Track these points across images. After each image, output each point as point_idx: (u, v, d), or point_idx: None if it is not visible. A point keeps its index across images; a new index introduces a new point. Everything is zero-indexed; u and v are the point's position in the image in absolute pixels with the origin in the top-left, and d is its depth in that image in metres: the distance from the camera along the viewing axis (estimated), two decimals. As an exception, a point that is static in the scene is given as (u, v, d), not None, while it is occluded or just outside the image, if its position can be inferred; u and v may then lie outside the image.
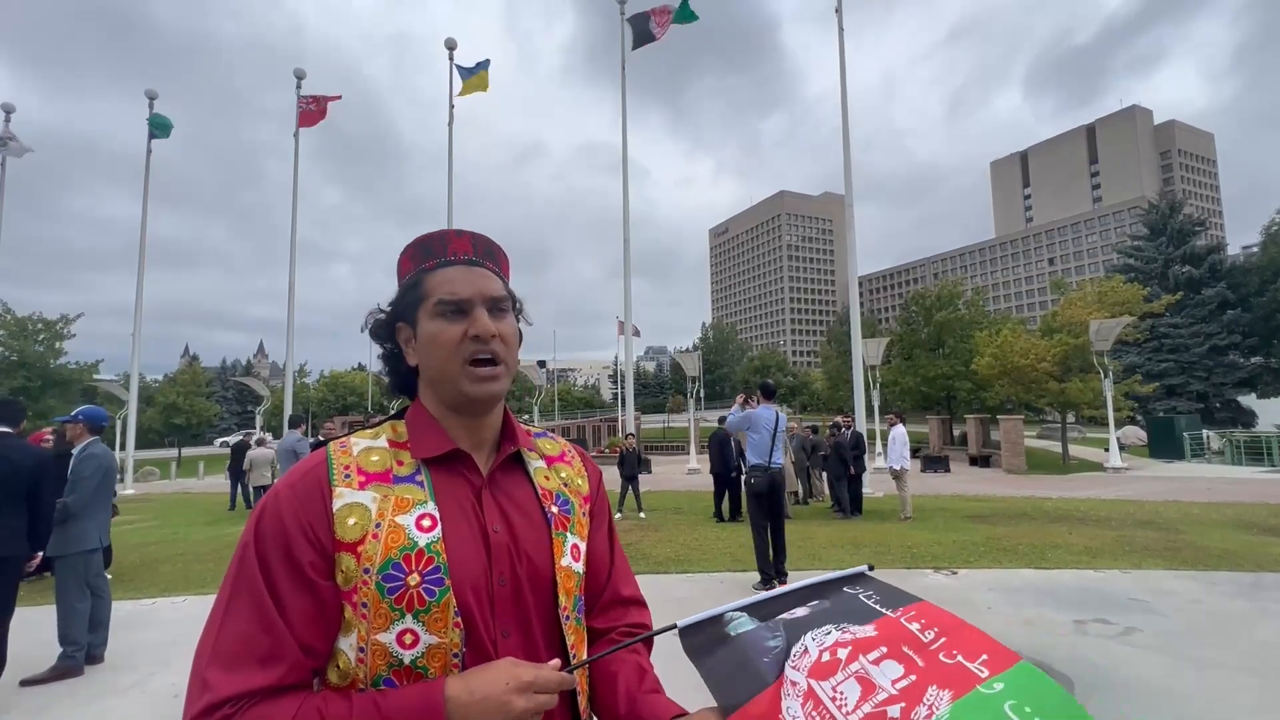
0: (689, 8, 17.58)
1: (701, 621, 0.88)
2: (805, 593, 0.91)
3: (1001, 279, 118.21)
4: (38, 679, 4.09)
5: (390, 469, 0.87)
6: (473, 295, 0.91)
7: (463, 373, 0.89)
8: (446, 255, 0.94)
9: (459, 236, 0.96)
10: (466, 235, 0.96)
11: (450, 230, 0.96)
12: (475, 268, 0.94)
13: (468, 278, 0.92)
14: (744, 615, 0.88)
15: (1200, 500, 12.12)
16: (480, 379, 0.90)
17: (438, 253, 0.94)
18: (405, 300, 0.94)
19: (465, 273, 0.93)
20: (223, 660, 0.75)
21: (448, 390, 0.91)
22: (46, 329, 31.58)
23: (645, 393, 79.61)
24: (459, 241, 0.95)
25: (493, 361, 0.91)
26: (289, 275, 20.68)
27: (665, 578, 6.83)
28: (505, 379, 0.93)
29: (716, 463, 11.05)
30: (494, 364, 0.91)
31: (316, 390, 60.83)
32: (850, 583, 0.93)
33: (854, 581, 0.93)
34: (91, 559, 4.50)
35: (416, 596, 0.80)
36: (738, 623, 0.87)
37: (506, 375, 0.93)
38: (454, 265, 0.93)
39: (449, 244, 0.95)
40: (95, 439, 4.71)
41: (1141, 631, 4.75)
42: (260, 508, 0.83)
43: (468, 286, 0.91)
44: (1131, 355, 34.00)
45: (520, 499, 0.94)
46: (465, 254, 0.95)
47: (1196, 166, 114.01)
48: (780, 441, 6.47)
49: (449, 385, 0.91)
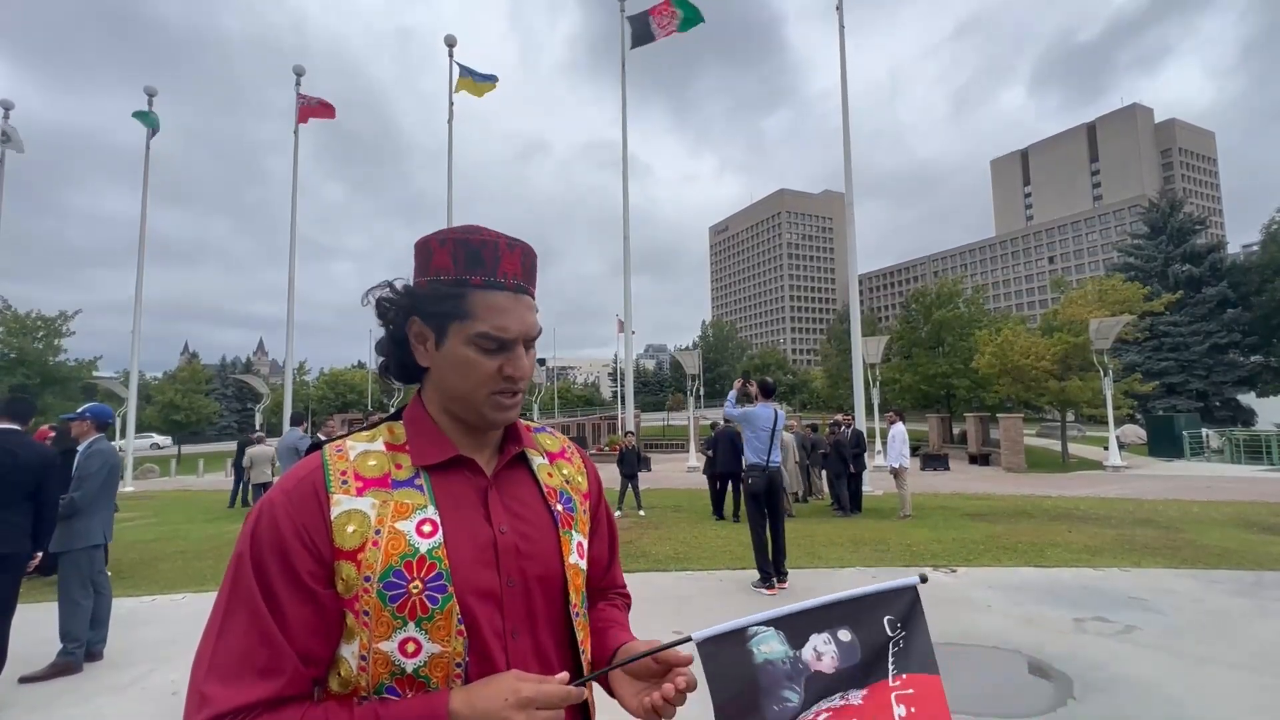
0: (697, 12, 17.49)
1: (722, 635, 0.84)
2: (839, 611, 0.87)
3: (1002, 277, 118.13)
4: (37, 676, 4.09)
5: (388, 473, 0.86)
6: (518, 335, 0.88)
7: (487, 401, 0.88)
8: (496, 275, 0.88)
9: (510, 251, 0.89)
10: (517, 250, 0.90)
11: (502, 240, 0.89)
12: (523, 297, 0.90)
13: (516, 311, 0.88)
14: (770, 629, 0.85)
15: (1200, 499, 12.12)
16: (503, 407, 0.89)
17: (488, 268, 0.87)
18: (438, 305, 0.87)
19: (514, 304, 0.88)
20: (221, 673, 0.73)
21: (464, 410, 0.90)
22: (45, 326, 31.57)
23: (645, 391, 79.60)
24: (510, 259, 0.89)
25: (516, 392, 0.90)
26: (289, 272, 20.67)
27: (665, 575, 6.84)
28: (521, 403, 0.93)
29: (728, 460, 10.49)
30: (516, 394, 0.90)
31: (316, 388, 60.87)
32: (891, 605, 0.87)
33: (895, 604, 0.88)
34: (95, 555, 4.53)
35: (419, 604, 0.78)
36: (761, 637, 0.84)
37: (522, 399, 0.93)
38: (503, 291, 0.88)
39: (500, 260, 0.88)
40: (100, 436, 4.74)
41: (1141, 630, 4.75)
42: (255, 515, 0.81)
43: (516, 323, 0.87)
44: (1131, 354, 34.00)
45: (526, 498, 0.94)
46: (515, 277, 0.89)
47: (1197, 165, 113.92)
48: (779, 440, 6.42)
49: (468, 409, 0.89)
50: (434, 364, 0.90)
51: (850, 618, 0.86)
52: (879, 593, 0.88)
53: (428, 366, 0.91)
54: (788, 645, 0.85)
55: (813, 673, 0.83)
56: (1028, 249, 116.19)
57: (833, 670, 0.84)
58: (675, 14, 17.57)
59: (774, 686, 0.82)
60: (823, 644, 0.85)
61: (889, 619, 0.86)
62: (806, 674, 0.83)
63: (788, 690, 0.81)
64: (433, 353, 0.89)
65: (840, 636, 0.85)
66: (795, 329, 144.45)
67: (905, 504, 10.59)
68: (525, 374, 0.89)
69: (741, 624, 0.85)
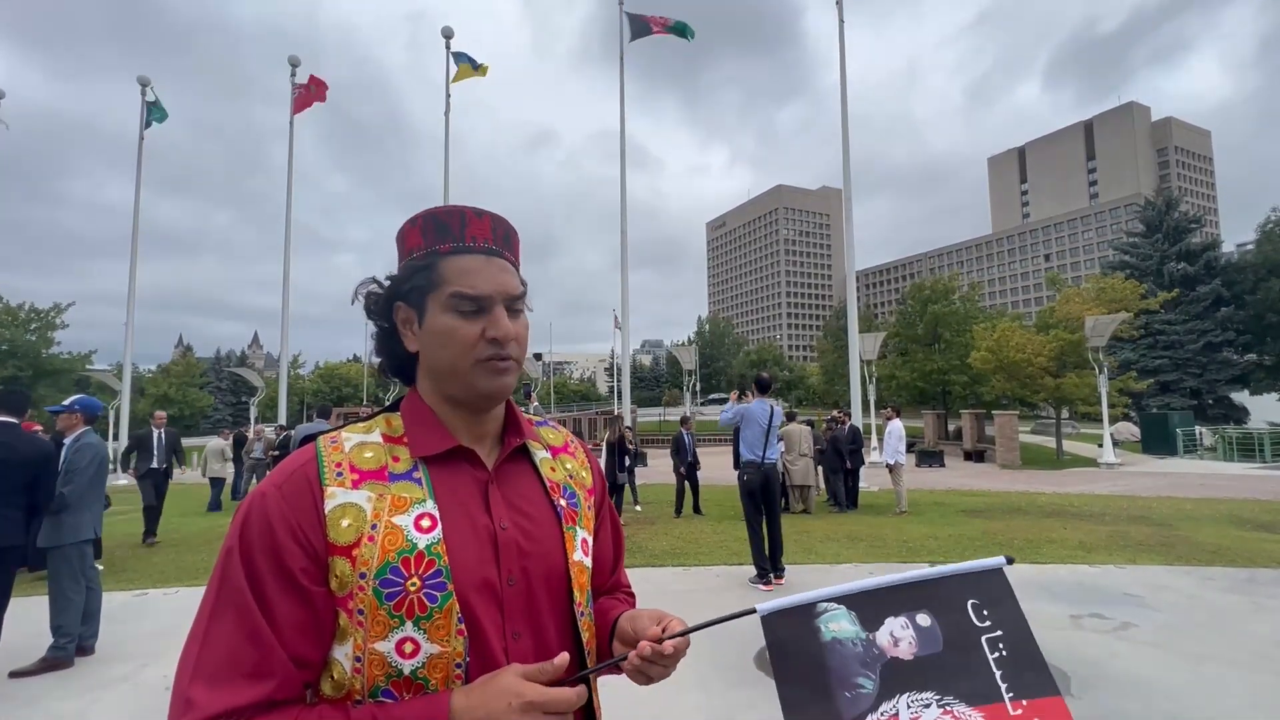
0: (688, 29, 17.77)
1: (789, 609, 0.79)
2: (919, 590, 0.80)
3: (998, 274, 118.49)
4: (27, 671, 4.04)
5: (385, 466, 0.82)
6: (493, 292, 0.84)
7: (475, 370, 0.84)
8: (464, 239, 0.86)
9: (479, 218, 0.88)
10: (486, 217, 0.88)
11: (469, 208, 0.88)
12: (495, 259, 0.87)
13: (488, 271, 0.85)
14: (840, 607, 0.80)
15: (1193, 496, 12.19)
16: (494, 372, 0.85)
17: (455, 234, 0.86)
18: (412, 281, 0.86)
19: (485, 264, 0.86)
20: (207, 676, 0.69)
21: (455, 386, 0.86)
22: (39, 318, 31.37)
23: (641, 386, 79.68)
24: (478, 224, 0.87)
25: (505, 358, 0.86)
26: (284, 265, 20.56)
27: (662, 571, 6.83)
28: (516, 373, 0.88)
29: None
30: (506, 359, 0.86)
31: (311, 382, 60.71)
32: (978, 588, 0.80)
33: (980, 587, 0.80)
34: (85, 550, 4.48)
35: (417, 602, 0.75)
36: (831, 615, 0.79)
37: (517, 369, 0.89)
38: (473, 253, 0.86)
39: (468, 225, 0.87)
40: (88, 429, 4.69)
41: (1137, 626, 4.76)
42: (245, 509, 0.77)
43: (488, 282, 0.85)
44: (1126, 351, 34.18)
45: (528, 492, 0.90)
46: (485, 240, 0.87)
47: (1193, 164, 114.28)
48: (775, 437, 6.38)
49: (457, 381, 0.85)
50: (421, 344, 0.87)
51: (928, 601, 0.80)
52: (960, 574, 0.81)
53: (417, 351, 0.88)
54: (859, 626, 0.79)
55: (889, 659, 0.77)
56: (1024, 246, 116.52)
57: (911, 657, 0.77)
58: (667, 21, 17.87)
59: (844, 669, 0.76)
60: (900, 628, 0.79)
61: (974, 604, 0.80)
62: (883, 660, 0.77)
63: (861, 676, 0.76)
64: (418, 333, 0.87)
65: (919, 621, 0.79)
66: (792, 325, 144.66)
67: (901, 500, 10.61)
68: (509, 334, 0.85)
69: (810, 598, 0.80)
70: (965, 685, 0.75)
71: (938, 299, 33.91)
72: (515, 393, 0.94)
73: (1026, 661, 0.77)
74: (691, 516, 10.39)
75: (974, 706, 0.73)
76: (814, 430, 14.07)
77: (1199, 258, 37.22)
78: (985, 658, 0.77)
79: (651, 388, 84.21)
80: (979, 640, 0.78)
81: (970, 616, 0.79)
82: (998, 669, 0.76)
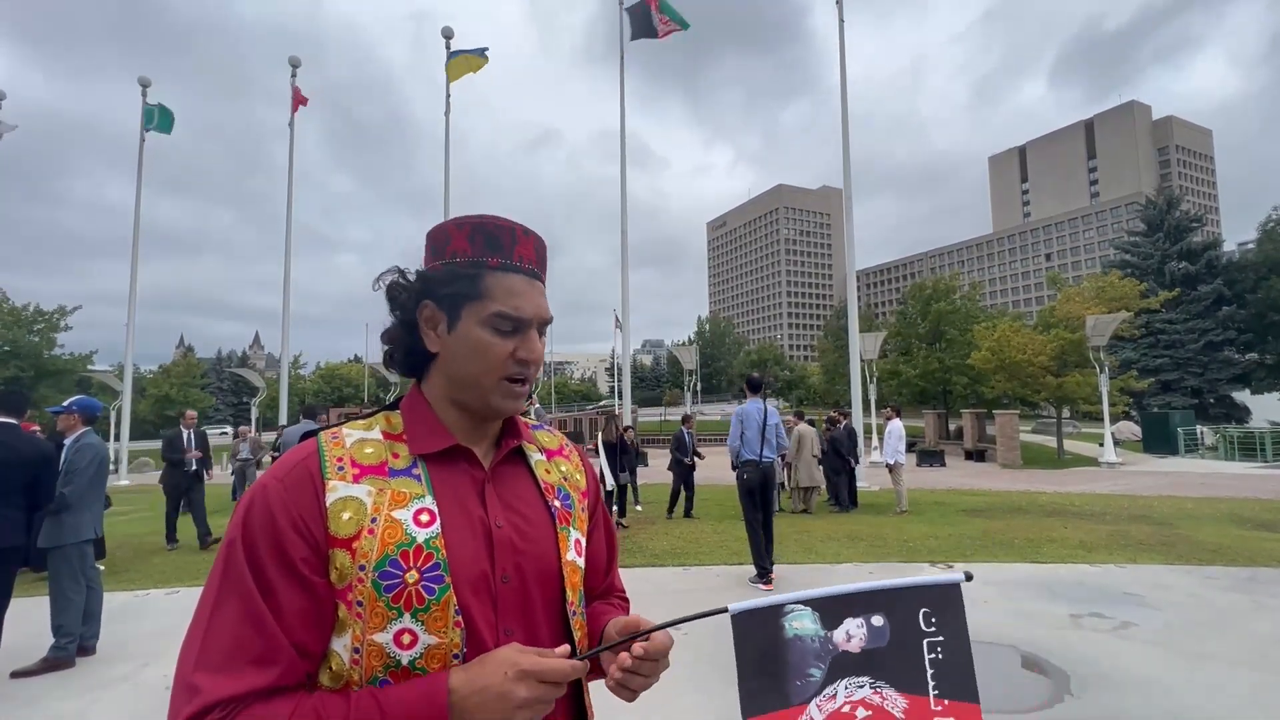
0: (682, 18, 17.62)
1: (759, 609, 0.84)
2: (878, 599, 0.86)
3: (999, 274, 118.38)
4: (28, 671, 4.05)
5: (386, 461, 0.84)
6: (532, 317, 0.88)
7: (498, 387, 0.87)
8: (512, 258, 0.88)
9: (526, 237, 0.91)
10: (532, 239, 0.92)
11: (518, 226, 0.91)
12: (536, 283, 0.90)
13: (531, 294, 0.88)
14: (805, 609, 0.84)
15: (1194, 495, 12.18)
16: (513, 395, 0.88)
17: (505, 251, 0.88)
18: (452, 286, 0.86)
19: (529, 287, 0.89)
20: (212, 663, 0.70)
21: (472, 396, 0.88)
22: (42, 319, 31.40)
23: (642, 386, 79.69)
24: (525, 245, 0.90)
25: (525, 380, 0.89)
26: (284, 265, 20.57)
27: (662, 570, 6.83)
28: (528, 395, 0.92)
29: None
30: (525, 382, 0.89)
31: (312, 382, 60.76)
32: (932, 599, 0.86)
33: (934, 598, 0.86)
34: (86, 550, 4.49)
35: (415, 595, 0.76)
36: (796, 615, 0.84)
37: (529, 391, 0.92)
38: (519, 274, 0.88)
39: (517, 244, 0.89)
40: (88, 429, 4.69)
41: (1137, 626, 4.76)
42: (248, 501, 0.79)
43: (530, 305, 0.88)
44: (1127, 351, 34.14)
45: (523, 493, 0.92)
46: (530, 262, 0.90)
47: (1194, 163, 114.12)
48: (771, 435, 6.42)
49: (476, 393, 0.87)
50: (445, 348, 0.88)
51: (887, 606, 0.86)
52: (921, 585, 0.87)
53: (436, 352, 0.89)
54: (820, 625, 0.84)
55: (840, 652, 0.83)
56: (1025, 245, 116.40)
57: (859, 650, 0.84)
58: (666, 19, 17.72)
59: (800, 663, 0.82)
60: (855, 627, 0.85)
61: (925, 611, 0.86)
62: (834, 654, 0.83)
63: (813, 668, 0.82)
64: (444, 337, 0.88)
65: (873, 621, 0.85)
66: (792, 324, 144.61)
67: (901, 499, 10.61)
68: (538, 358, 0.89)
69: (780, 600, 0.85)
70: (899, 675, 0.84)
71: (939, 298, 33.89)
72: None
73: (958, 668, 0.85)
74: (693, 517, 10.37)
75: (901, 692, 0.82)
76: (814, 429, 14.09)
77: (1200, 257, 37.18)
78: (923, 657, 0.85)
79: (652, 387, 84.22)
80: (921, 642, 0.85)
81: (919, 622, 0.86)
82: (930, 668, 0.85)
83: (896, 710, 0.79)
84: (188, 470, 8.84)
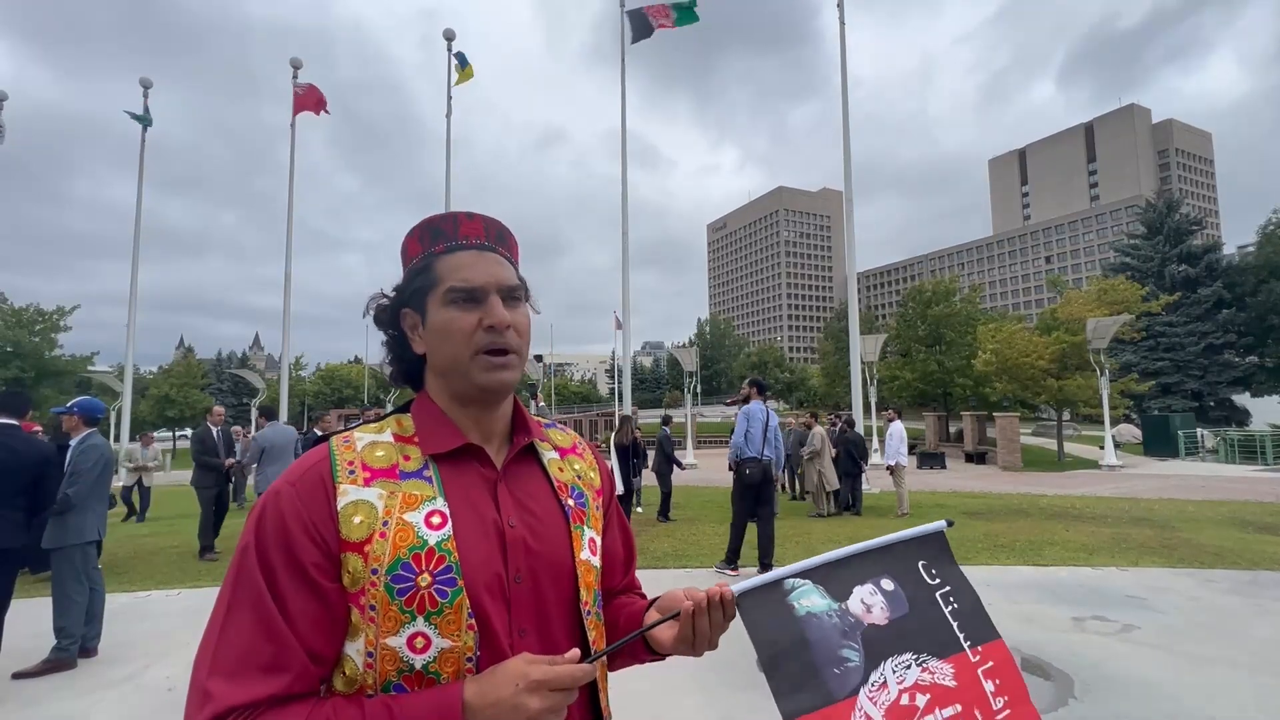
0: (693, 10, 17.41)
1: (759, 587, 0.83)
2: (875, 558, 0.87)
3: (999, 276, 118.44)
4: (30, 672, 4.05)
5: (396, 464, 0.84)
6: (486, 283, 0.87)
7: (474, 362, 0.86)
8: (457, 239, 0.90)
9: (470, 219, 0.92)
10: (478, 218, 0.93)
11: (460, 212, 0.92)
12: (488, 253, 0.90)
13: (481, 263, 0.88)
14: (807, 582, 0.84)
15: (1195, 498, 12.18)
16: (493, 367, 0.86)
17: (448, 236, 0.90)
18: (413, 285, 0.90)
19: (478, 258, 0.89)
20: (225, 669, 0.71)
21: (458, 381, 0.88)
22: (43, 320, 31.43)
23: (642, 388, 79.69)
24: (470, 224, 0.91)
25: (505, 350, 0.87)
26: (285, 266, 20.58)
27: (664, 572, 6.83)
28: (518, 368, 0.90)
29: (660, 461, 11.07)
30: (506, 353, 0.88)
31: (312, 383, 60.73)
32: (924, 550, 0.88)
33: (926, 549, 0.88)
34: (89, 551, 4.49)
35: (428, 598, 0.76)
36: (800, 591, 0.83)
37: (519, 364, 0.90)
38: (465, 250, 0.89)
39: (459, 227, 0.91)
40: (93, 430, 4.69)
41: (1140, 629, 4.75)
42: (261, 507, 0.79)
43: (481, 273, 0.88)
44: (1127, 353, 34.14)
45: (536, 492, 0.91)
46: (477, 238, 0.91)
47: (1194, 166, 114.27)
48: (772, 436, 6.78)
49: (460, 375, 0.87)
50: (426, 344, 0.90)
51: (887, 566, 0.86)
52: (908, 539, 0.88)
53: (424, 353, 0.91)
54: (830, 598, 0.83)
55: (866, 626, 0.82)
56: (1024, 248, 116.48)
57: (886, 621, 0.83)
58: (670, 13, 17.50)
59: (826, 643, 0.79)
60: (869, 595, 0.84)
61: (923, 564, 0.87)
62: (861, 628, 0.81)
63: (845, 649, 0.79)
64: (424, 335, 0.90)
65: (884, 585, 0.85)
66: (793, 327, 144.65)
67: (902, 502, 10.61)
68: (504, 320, 0.86)
69: (775, 575, 0.84)
70: (933, 641, 0.83)
71: (938, 301, 33.90)
72: (520, 392, 0.96)
73: (974, 611, 0.86)
74: (694, 519, 10.37)
75: (944, 659, 0.81)
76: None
77: (1200, 260, 37.16)
78: (943, 613, 0.85)
79: (653, 389, 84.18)
80: (934, 597, 0.86)
81: (923, 576, 0.86)
82: (954, 620, 0.85)
83: (947, 680, 0.79)
84: (221, 472, 8.35)
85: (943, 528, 0.90)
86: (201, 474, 8.25)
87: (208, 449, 8.25)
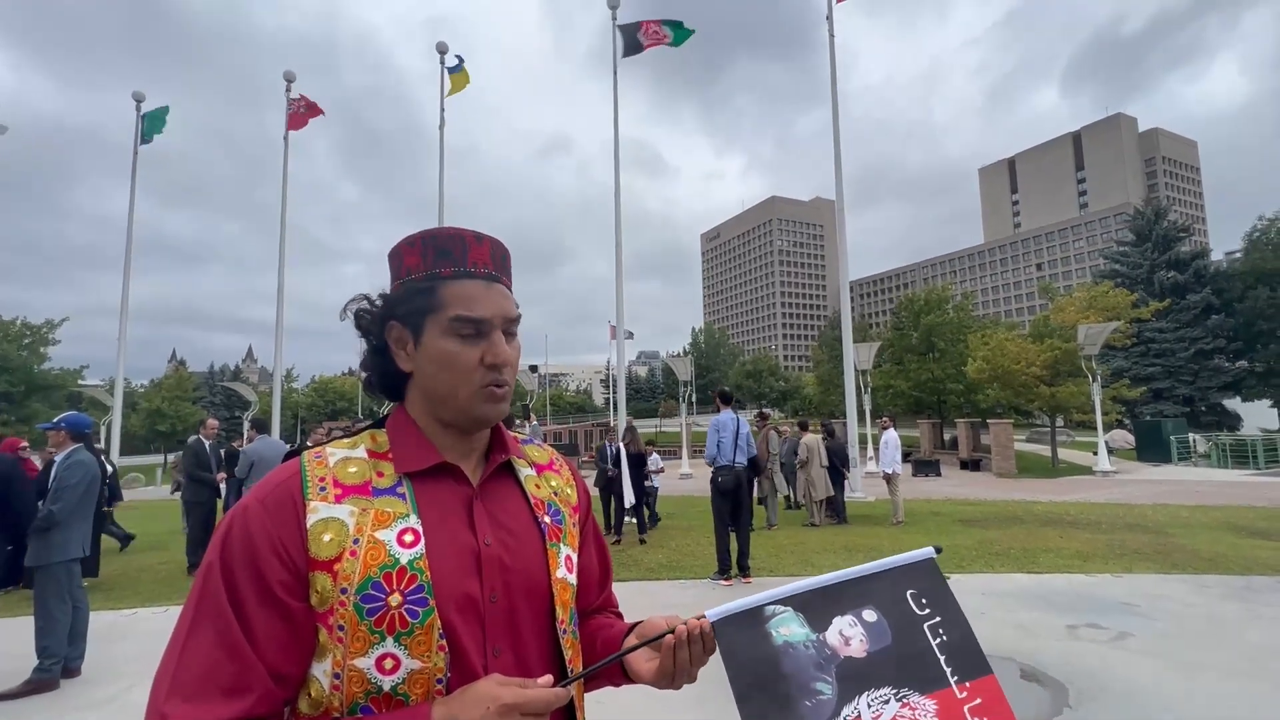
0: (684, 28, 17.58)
1: (738, 614, 0.81)
2: (860, 587, 0.84)
3: (990, 284, 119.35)
4: (12, 693, 3.98)
5: (369, 481, 0.82)
6: (493, 316, 0.86)
7: (477, 395, 0.85)
8: (466, 265, 0.87)
9: (479, 243, 0.89)
10: (486, 243, 0.90)
11: (468, 233, 0.89)
12: (494, 285, 0.88)
13: (489, 297, 0.87)
14: (788, 610, 0.82)
15: (1188, 503, 12.22)
16: (495, 399, 0.86)
17: (456, 259, 0.87)
18: (411, 303, 0.86)
19: (486, 291, 0.87)
20: (184, 691, 0.69)
21: (451, 410, 0.86)
22: (32, 333, 31.17)
23: (637, 397, 79.57)
24: (479, 250, 0.89)
25: (503, 384, 0.87)
26: (278, 278, 20.50)
27: (657, 584, 6.79)
28: (509, 398, 0.90)
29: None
30: (503, 386, 0.87)
31: (305, 395, 60.41)
32: (914, 578, 0.85)
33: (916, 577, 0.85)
34: (73, 569, 4.42)
35: (398, 618, 0.74)
36: (780, 619, 0.81)
37: (510, 394, 0.90)
38: (474, 279, 0.87)
39: (469, 251, 0.88)
40: (79, 446, 4.63)
41: (1134, 636, 4.75)
42: (227, 523, 0.77)
43: (489, 307, 0.86)
44: (1119, 359, 34.37)
45: (512, 509, 0.90)
46: (485, 266, 0.89)
47: (1180, 174, 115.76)
48: (743, 443, 6.96)
49: (455, 406, 0.86)
50: (416, 366, 0.87)
51: (871, 596, 0.84)
52: (895, 567, 0.85)
53: (410, 371, 0.88)
54: (808, 628, 0.81)
55: (843, 659, 0.80)
56: (1015, 256, 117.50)
57: (864, 654, 0.80)
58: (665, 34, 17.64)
59: (801, 675, 0.78)
60: (848, 626, 0.82)
61: (912, 593, 0.84)
62: (836, 661, 0.79)
63: (818, 681, 0.77)
64: (413, 354, 0.87)
65: (865, 617, 0.82)
66: (787, 335, 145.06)
67: (898, 510, 10.59)
68: (507, 360, 0.86)
69: (758, 601, 0.82)
70: (917, 675, 0.79)
71: (931, 310, 34.10)
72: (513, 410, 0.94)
73: (964, 644, 0.82)
74: (690, 528, 10.32)
75: (926, 695, 0.77)
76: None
77: (1188, 266, 37.54)
78: (930, 645, 0.81)
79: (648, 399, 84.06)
80: (923, 628, 0.82)
81: (912, 606, 0.83)
82: (941, 654, 0.81)
83: (928, 717, 0.75)
84: (213, 487, 8.20)
85: (932, 555, 0.87)
86: (194, 488, 8.09)
87: (201, 463, 8.09)
